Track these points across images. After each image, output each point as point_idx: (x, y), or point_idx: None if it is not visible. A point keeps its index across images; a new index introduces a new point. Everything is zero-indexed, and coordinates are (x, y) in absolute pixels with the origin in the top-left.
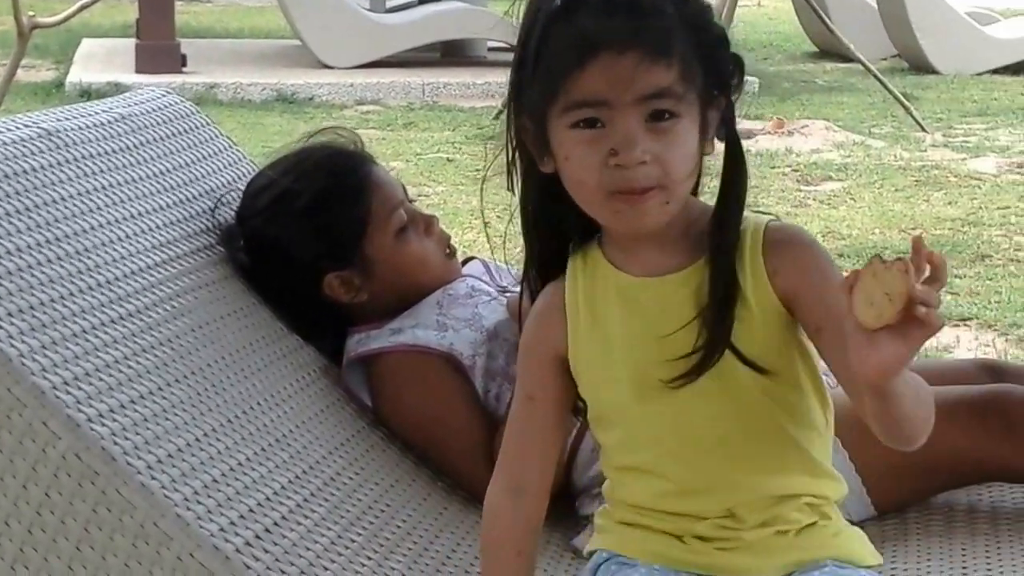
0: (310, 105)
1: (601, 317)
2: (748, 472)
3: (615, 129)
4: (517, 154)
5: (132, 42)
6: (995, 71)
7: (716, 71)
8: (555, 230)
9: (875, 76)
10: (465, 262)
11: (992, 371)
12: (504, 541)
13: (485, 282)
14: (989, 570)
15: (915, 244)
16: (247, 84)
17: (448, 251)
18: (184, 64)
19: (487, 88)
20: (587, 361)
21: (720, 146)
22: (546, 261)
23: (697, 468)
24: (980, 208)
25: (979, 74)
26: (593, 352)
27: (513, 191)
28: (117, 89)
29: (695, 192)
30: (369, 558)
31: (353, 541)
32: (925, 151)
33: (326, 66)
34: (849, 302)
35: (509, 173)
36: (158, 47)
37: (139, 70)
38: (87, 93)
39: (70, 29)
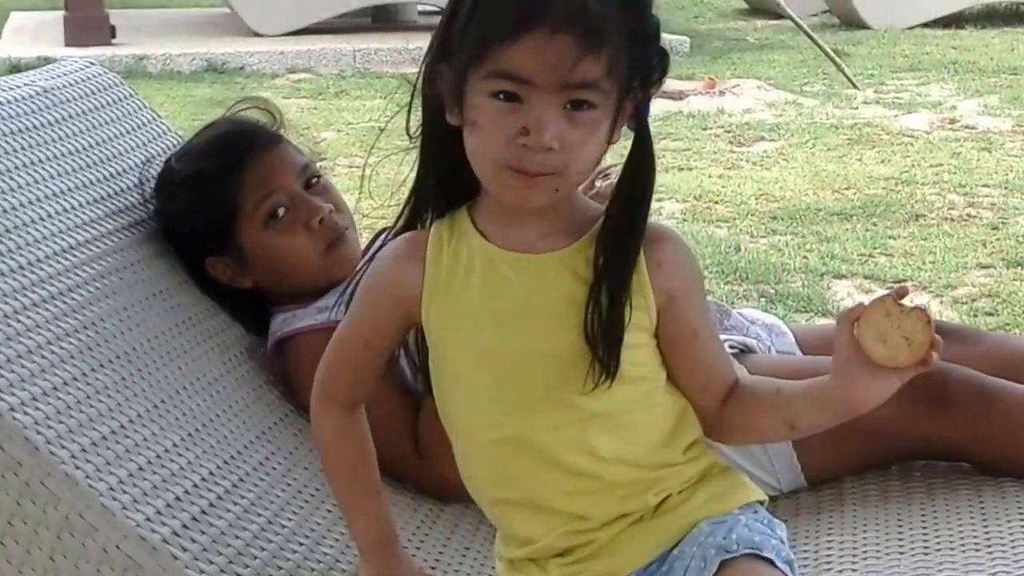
0: (240, 75)
1: (461, 284)
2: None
3: (532, 109)
4: (424, 98)
5: (61, 14)
6: (926, 24)
7: (642, 64)
8: (442, 182)
9: (806, 33)
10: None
11: (944, 332)
12: (354, 460)
13: None
14: (925, 539)
15: (903, 291)
16: (177, 55)
17: (335, 241)
18: (114, 36)
19: (419, 54)
20: (442, 323)
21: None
22: (420, 208)
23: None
24: (913, 166)
25: (910, 28)
26: (447, 316)
27: (409, 135)
28: (47, 63)
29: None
30: (301, 544)
31: (283, 527)
32: (857, 108)
33: (256, 34)
34: (853, 334)
35: (410, 111)
36: (87, 19)
37: (68, 43)
38: (16, 67)
39: None
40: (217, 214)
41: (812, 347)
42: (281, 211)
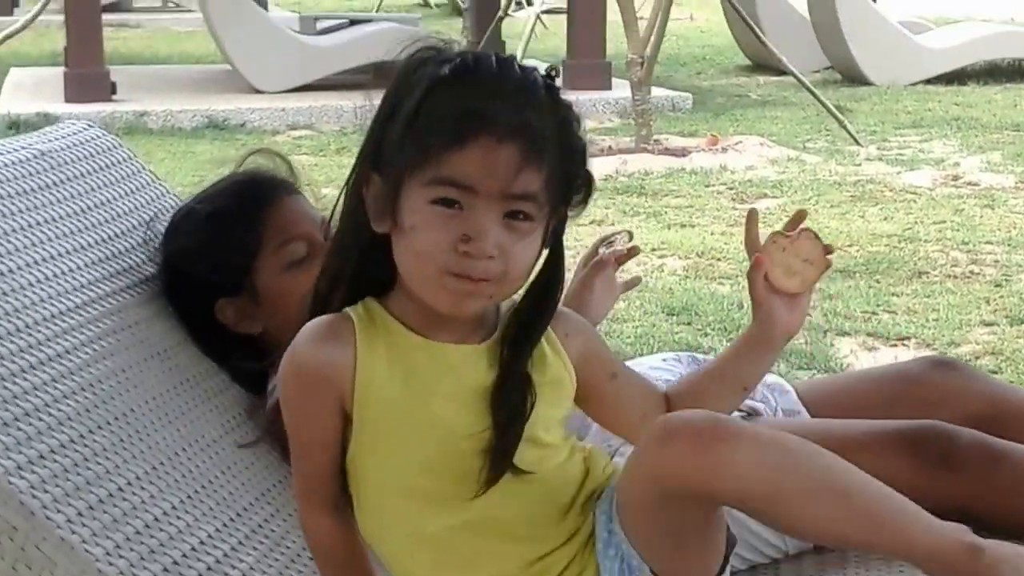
0: (241, 131)
1: (390, 374)
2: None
3: (474, 217)
4: (349, 204)
5: (61, 70)
6: (929, 81)
7: (570, 184)
8: (354, 282)
9: (808, 89)
10: None
11: (943, 365)
12: (343, 554)
13: None
14: None
15: (801, 215)
16: (177, 111)
17: None
18: (114, 92)
19: None
20: (384, 417)
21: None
22: (325, 306)
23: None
24: (916, 223)
25: (913, 84)
26: (390, 407)
27: (326, 235)
28: (47, 119)
29: None
30: None
31: None
32: (860, 165)
33: (257, 91)
34: (764, 282)
35: (331, 215)
36: (87, 75)
37: (68, 99)
38: (16, 124)
39: None
40: (237, 254)
41: (815, 402)
42: (304, 257)
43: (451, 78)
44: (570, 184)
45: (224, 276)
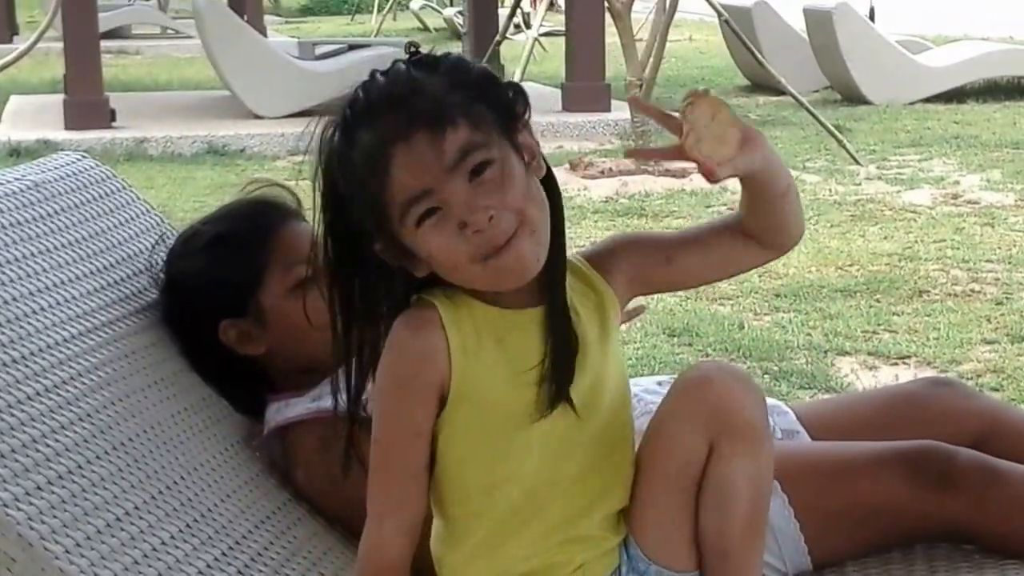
0: (241, 157)
1: (482, 348)
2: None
3: (451, 205)
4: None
5: (61, 98)
6: (928, 100)
7: (499, 103)
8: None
9: (807, 109)
10: None
11: (942, 384)
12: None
13: None
14: None
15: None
16: (177, 137)
17: None
18: (113, 119)
19: None
20: (482, 392)
21: None
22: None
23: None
24: (916, 242)
25: (912, 103)
26: (485, 383)
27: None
28: (47, 146)
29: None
30: None
31: None
32: (860, 184)
33: (257, 116)
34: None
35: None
36: (86, 103)
37: (68, 126)
38: (16, 151)
39: None
40: (244, 274)
41: (813, 423)
42: (308, 279)
43: (342, 140)
44: (499, 106)
45: (229, 296)
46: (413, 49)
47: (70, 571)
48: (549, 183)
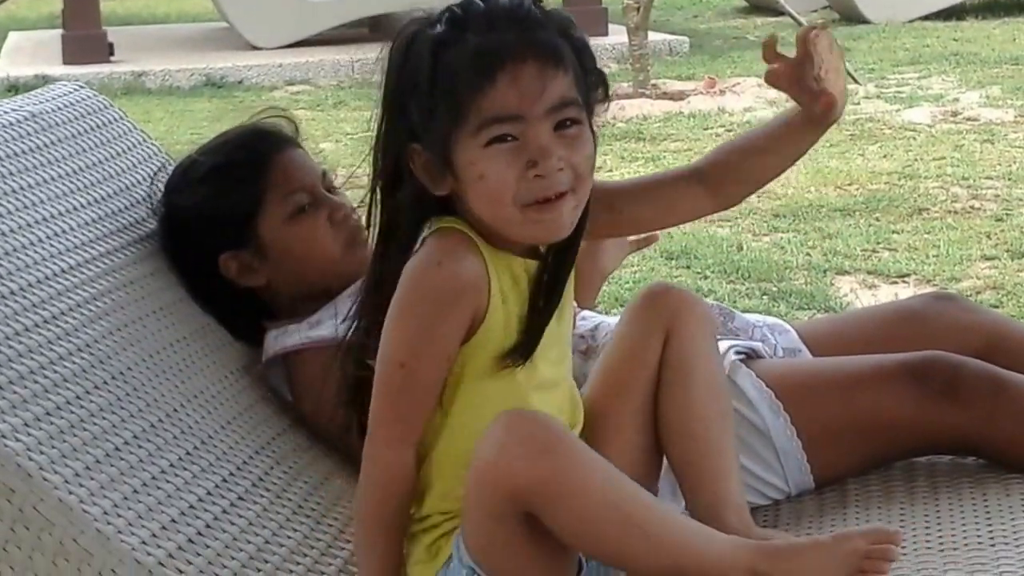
0: (239, 88)
1: (508, 292)
2: None
3: (529, 141)
4: (393, 180)
5: (59, 33)
6: (926, 17)
7: (591, 81)
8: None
9: None
10: None
11: (944, 299)
12: (402, 510)
13: None
14: (928, 539)
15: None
16: (175, 70)
17: (355, 240)
18: (112, 53)
19: None
20: (506, 324)
21: None
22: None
23: None
24: (915, 160)
25: (910, 21)
26: (510, 316)
27: (372, 219)
28: (45, 82)
29: None
30: (298, 563)
31: (282, 546)
32: (859, 103)
33: (254, 47)
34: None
35: (371, 200)
36: (84, 37)
37: (66, 61)
38: (15, 87)
39: None
40: (242, 205)
41: (815, 341)
42: (307, 206)
43: (449, 32)
44: (588, 81)
45: (229, 228)
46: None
47: (69, 501)
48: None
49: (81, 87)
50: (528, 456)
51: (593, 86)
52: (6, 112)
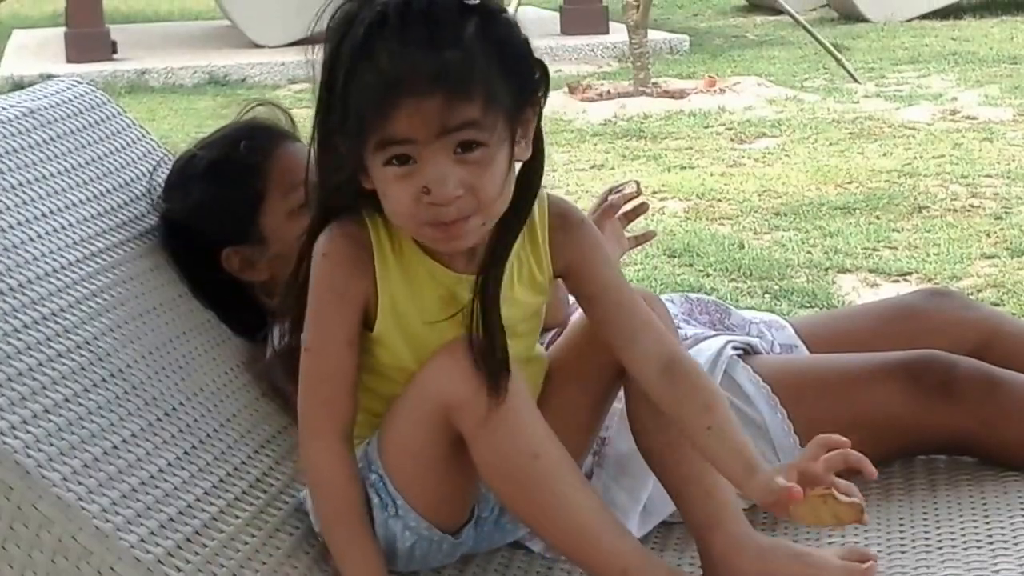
0: (242, 87)
1: (406, 292)
2: None
3: (426, 166)
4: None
5: (62, 31)
6: (925, 16)
7: (521, 84)
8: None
9: (805, 28)
10: None
11: (940, 295)
12: (354, 497)
13: None
14: (927, 537)
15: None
16: (178, 68)
17: None
18: (115, 51)
19: None
20: (397, 325)
21: None
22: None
23: None
24: (915, 158)
25: (909, 20)
26: (401, 318)
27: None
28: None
29: None
30: (295, 566)
31: (278, 548)
32: (858, 102)
33: (257, 45)
34: (788, 507)
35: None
36: (88, 35)
37: (70, 59)
38: (19, 85)
39: (0, 22)
40: (244, 199)
41: (812, 337)
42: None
43: (362, 47)
44: (522, 87)
45: (230, 223)
46: None
47: (67, 498)
48: (534, 167)
49: (79, 83)
50: (476, 379)
51: (527, 92)
52: (4, 108)
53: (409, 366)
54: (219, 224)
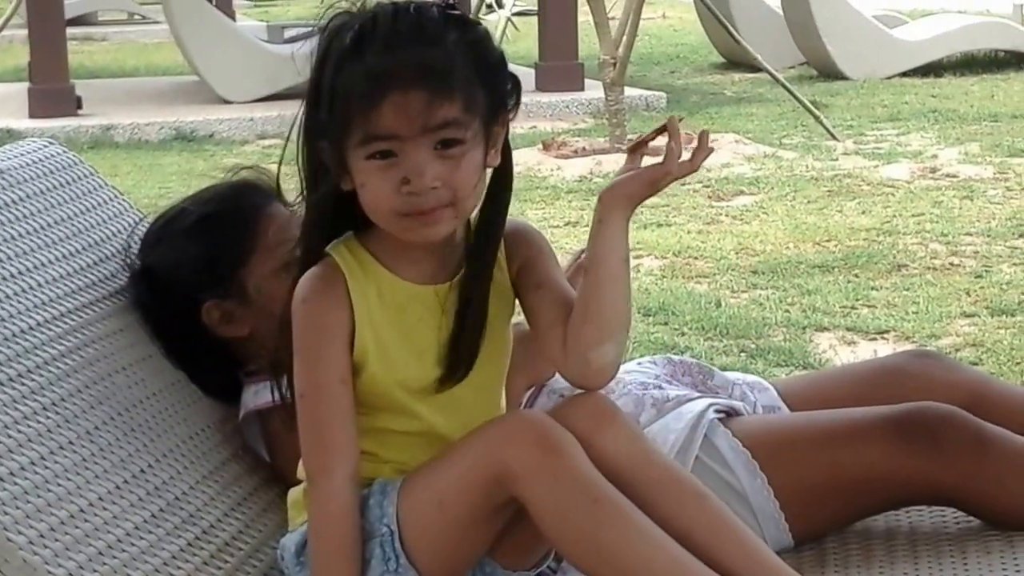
0: (210, 142)
1: (381, 317)
2: None
3: (407, 159)
4: (314, 170)
5: (25, 86)
6: (905, 74)
7: (496, 93)
8: (330, 234)
9: (783, 85)
10: None
11: (925, 356)
12: (356, 537)
13: None
14: None
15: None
16: (144, 124)
17: None
18: (80, 106)
19: None
20: (377, 348)
21: None
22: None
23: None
24: (894, 216)
25: (889, 78)
26: (381, 341)
27: (302, 202)
28: (10, 136)
29: None
30: None
31: None
32: (837, 160)
33: (225, 101)
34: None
35: (304, 189)
36: (52, 90)
37: (33, 115)
38: None
39: None
40: (231, 254)
41: (795, 398)
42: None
43: (353, 47)
44: (497, 94)
45: (214, 277)
46: (451, 1)
47: (33, 561)
48: (504, 172)
49: (51, 143)
50: (540, 448)
51: (499, 100)
52: None
53: (391, 391)
54: (203, 277)
